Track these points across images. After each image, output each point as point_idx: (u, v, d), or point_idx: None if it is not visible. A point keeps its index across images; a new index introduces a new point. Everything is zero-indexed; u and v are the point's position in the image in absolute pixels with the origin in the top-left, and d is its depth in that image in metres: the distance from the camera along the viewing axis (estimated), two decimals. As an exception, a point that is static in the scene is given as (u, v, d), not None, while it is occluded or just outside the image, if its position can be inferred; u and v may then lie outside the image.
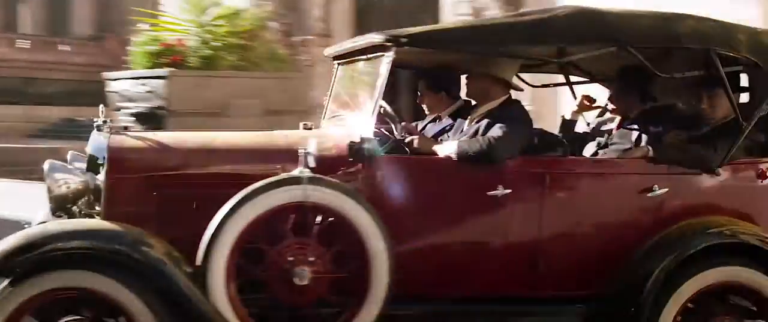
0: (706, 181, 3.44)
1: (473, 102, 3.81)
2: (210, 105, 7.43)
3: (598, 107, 4.21)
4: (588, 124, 4.26)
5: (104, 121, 3.32)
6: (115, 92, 7.17)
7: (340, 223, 3.00)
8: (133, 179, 3.17)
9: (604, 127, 4.10)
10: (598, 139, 3.99)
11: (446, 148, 3.36)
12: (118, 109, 7.04)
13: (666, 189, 3.35)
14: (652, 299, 3.20)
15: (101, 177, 3.19)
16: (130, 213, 3.06)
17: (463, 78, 3.94)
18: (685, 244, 3.25)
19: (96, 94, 8.17)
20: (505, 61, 3.57)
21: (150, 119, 6.87)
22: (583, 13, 3.37)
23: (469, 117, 3.64)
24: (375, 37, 3.30)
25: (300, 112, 8.29)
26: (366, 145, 3.12)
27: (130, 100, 7.02)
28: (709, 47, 3.40)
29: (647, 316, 3.21)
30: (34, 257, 2.78)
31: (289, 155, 3.08)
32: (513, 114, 3.45)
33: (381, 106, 3.34)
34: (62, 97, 22.47)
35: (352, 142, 3.14)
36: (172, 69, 7.01)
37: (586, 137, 4.12)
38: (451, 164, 3.29)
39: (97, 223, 3.07)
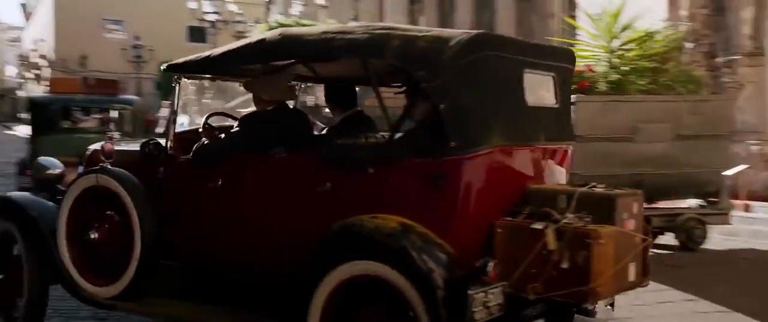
0: (367, 179, 3.51)
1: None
2: (617, 130, 7.27)
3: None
4: None
5: (111, 135, 4.76)
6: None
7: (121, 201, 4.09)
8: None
9: None
10: None
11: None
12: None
13: (330, 185, 3.57)
14: (304, 290, 3.39)
15: None
16: None
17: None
18: (328, 239, 3.39)
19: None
20: (262, 78, 4.23)
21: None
22: (274, 36, 3.98)
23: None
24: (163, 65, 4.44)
25: (718, 137, 7.59)
26: (147, 149, 4.18)
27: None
28: (360, 56, 3.69)
29: (301, 306, 3.39)
30: None
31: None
32: (242, 123, 4.22)
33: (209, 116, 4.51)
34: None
35: (142, 144, 4.25)
36: (579, 95, 6.99)
37: None
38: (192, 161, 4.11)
39: (24, 196, 4.89)
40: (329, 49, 3.72)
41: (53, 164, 5.15)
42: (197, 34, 43.71)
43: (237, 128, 4.18)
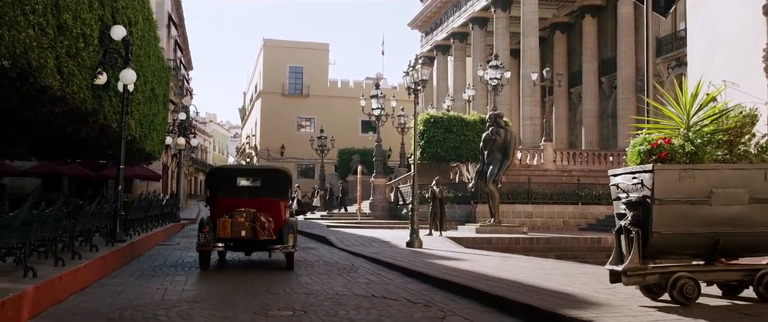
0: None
1: None
2: (692, 194, 7.27)
3: None
4: None
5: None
6: (615, 185, 7.65)
7: None
8: None
9: None
10: None
11: None
12: (618, 198, 7.52)
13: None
14: None
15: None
16: None
17: None
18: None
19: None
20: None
21: (637, 206, 7.15)
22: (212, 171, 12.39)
23: None
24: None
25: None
26: (206, 198, 12.48)
27: (624, 191, 7.44)
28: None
29: None
30: None
31: None
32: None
33: None
34: (607, 197, 23.56)
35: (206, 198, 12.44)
36: (657, 164, 7.16)
37: None
38: None
39: None
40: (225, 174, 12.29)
41: None
42: (367, 126, 46.30)
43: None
